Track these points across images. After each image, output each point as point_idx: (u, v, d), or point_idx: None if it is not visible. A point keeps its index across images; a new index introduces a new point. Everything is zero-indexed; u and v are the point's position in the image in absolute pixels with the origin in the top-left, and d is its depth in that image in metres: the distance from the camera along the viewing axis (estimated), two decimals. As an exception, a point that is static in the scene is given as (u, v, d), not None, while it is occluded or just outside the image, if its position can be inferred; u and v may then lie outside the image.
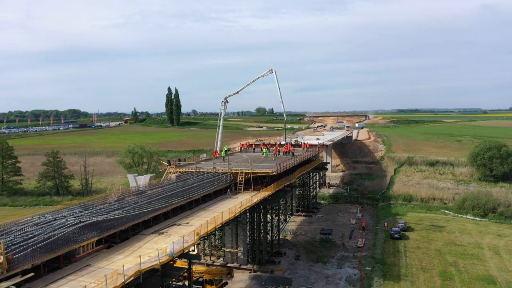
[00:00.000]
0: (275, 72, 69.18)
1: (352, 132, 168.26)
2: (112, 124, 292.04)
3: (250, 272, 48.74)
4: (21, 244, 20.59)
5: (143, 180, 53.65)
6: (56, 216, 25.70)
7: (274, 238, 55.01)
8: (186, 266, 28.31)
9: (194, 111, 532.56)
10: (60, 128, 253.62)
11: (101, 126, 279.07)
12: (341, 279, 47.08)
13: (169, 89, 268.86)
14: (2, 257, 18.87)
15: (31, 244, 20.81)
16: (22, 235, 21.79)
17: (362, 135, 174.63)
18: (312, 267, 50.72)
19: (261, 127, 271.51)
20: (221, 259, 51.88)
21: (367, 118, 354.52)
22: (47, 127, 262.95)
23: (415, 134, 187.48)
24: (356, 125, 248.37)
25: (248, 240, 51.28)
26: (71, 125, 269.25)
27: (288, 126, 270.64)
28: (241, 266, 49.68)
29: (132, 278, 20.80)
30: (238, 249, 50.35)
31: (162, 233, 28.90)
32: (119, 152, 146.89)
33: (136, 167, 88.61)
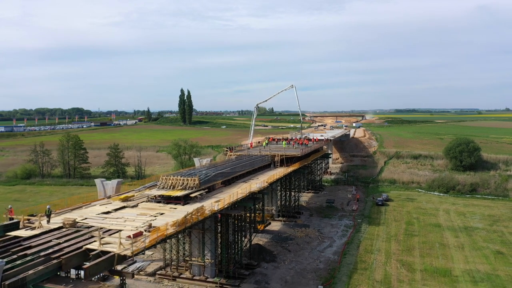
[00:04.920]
0: (295, 87, 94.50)
1: (349, 131, 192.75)
2: (129, 122, 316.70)
3: (281, 222, 73.82)
4: (199, 178, 45.52)
5: (205, 161, 78.24)
6: (199, 170, 50.79)
7: (295, 202, 79.92)
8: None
9: (194, 110, 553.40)
10: (84, 126, 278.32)
11: (119, 124, 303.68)
12: (341, 226, 72.23)
13: (181, 90, 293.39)
14: (197, 180, 43.86)
15: (202, 178, 45.74)
16: (197, 174, 46.69)
17: (358, 133, 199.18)
18: (322, 220, 75.89)
19: (266, 126, 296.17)
20: (261, 214, 76.72)
21: (364, 118, 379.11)
22: (70, 125, 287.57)
23: (406, 133, 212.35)
24: (354, 124, 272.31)
25: (278, 202, 76.41)
26: (92, 123, 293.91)
27: (291, 125, 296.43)
28: (275, 219, 74.79)
29: (247, 194, 45.88)
30: (273, 207, 75.47)
31: (247, 182, 54.00)
32: (146, 148, 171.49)
33: (181, 156, 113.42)
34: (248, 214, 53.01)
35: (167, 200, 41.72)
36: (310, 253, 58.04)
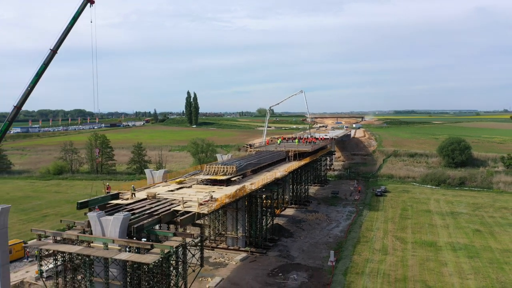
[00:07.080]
0: (304, 92, 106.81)
1: (350, 131, 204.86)
2: (137, 124, 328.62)
3: (294, 209, 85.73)
4: (236, 166, 57.36)
5: (226, 157, 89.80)
6: (232, 161, 62.65)
7: (305, 193, 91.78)
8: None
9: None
10: (95, 127, 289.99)
11: (128, 125, 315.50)
12: (345, 212, 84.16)
13: (188, 92, 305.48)
14: (235, 168, 55.71)
15: (238, 167, 57.59)
16: (233, 164, 58.49)
17: (358, 133, 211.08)
18: (328, 207, 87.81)
19: (270, 127, 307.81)
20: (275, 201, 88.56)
21: (363, 119, 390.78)
22: (82, 126, 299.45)
23: (403, 133, 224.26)
24: (353, 125, 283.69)
25: (291, 193, 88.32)
26: (103, 125, 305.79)
27: (294, 126, 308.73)
28: (288, 206, 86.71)
29: (273, 179, 57.79)
30: (286, 196, 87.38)
31: (269, 171, 65.96)
32: (160, 147, 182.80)
33: (199, 154, 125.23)
34: (270, 200, 64.76)
35: (213, 182, 53.61)
36: (320, 231, 69.92)
